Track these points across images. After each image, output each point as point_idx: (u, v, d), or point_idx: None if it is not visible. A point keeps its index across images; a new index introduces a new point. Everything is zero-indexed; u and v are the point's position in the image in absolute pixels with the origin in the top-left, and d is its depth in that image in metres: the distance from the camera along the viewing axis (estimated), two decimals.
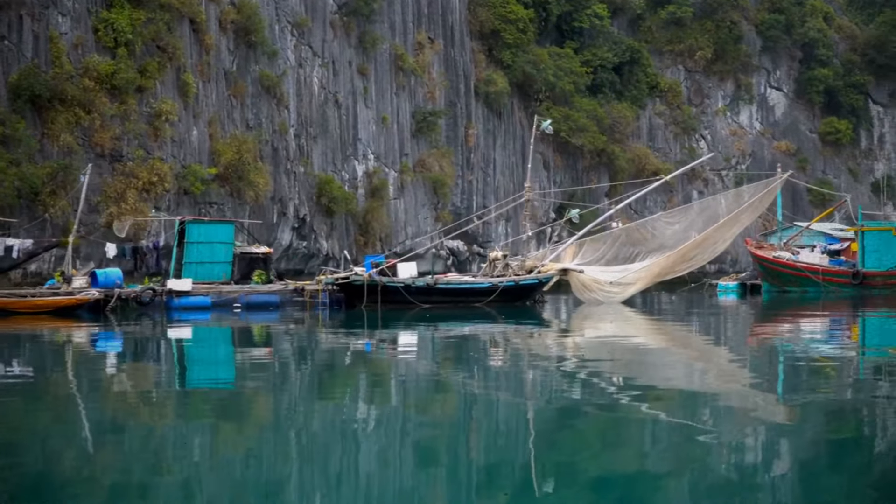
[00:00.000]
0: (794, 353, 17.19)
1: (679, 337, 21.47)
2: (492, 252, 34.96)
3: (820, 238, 49.36)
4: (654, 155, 65.11)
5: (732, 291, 45.71)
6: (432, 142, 52.32)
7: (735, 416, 10.12)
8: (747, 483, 7.38)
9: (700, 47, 68.90)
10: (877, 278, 43.69)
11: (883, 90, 78.96)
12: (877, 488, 7.22)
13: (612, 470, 7.94)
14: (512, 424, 9.99)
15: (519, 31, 58.40)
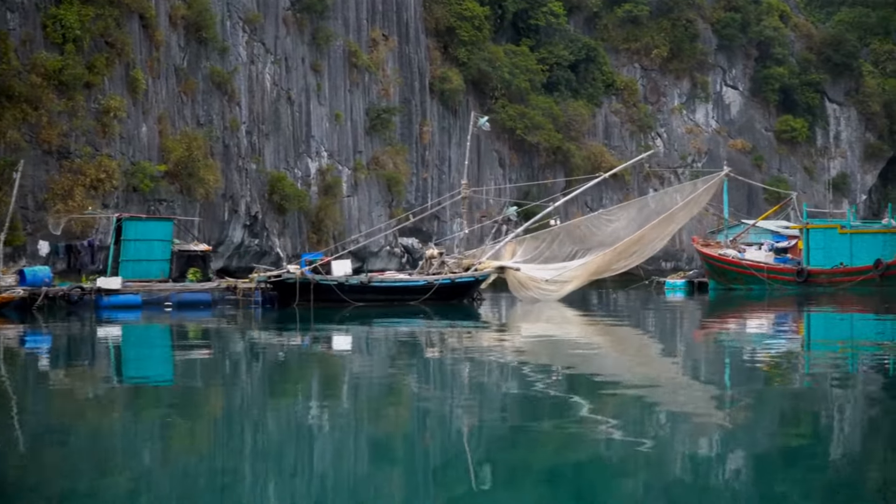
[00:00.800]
0: (728, 350, 17.39)
1: (614, 335, 21.65)
2: (428, 250, 35.29)
3: (768, 236, 49.99)
4: (611, 153, 66.22)
5: (680, 289, 46.19)
6: (386, 139, 53.04)
7: (671, 416, 10.22)
8: (685, 483, 7.42)
9: (656, 46, 70.13)
10: (821, 276, 44.30)
11: (839, 89, 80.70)
12: (821, 485, 7.40)
13: (549, 470, 7.91)
14: (443, 424, 9.95)
15: (475, 28, 59.29)
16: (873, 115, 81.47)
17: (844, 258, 43.97)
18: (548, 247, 32.76)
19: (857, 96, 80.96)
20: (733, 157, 72.94)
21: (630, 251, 31.55)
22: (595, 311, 31.02)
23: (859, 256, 43.61)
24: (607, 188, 66.37)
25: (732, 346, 18.72)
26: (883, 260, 42.69)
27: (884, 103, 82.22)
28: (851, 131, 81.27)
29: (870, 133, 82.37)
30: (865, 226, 47.93)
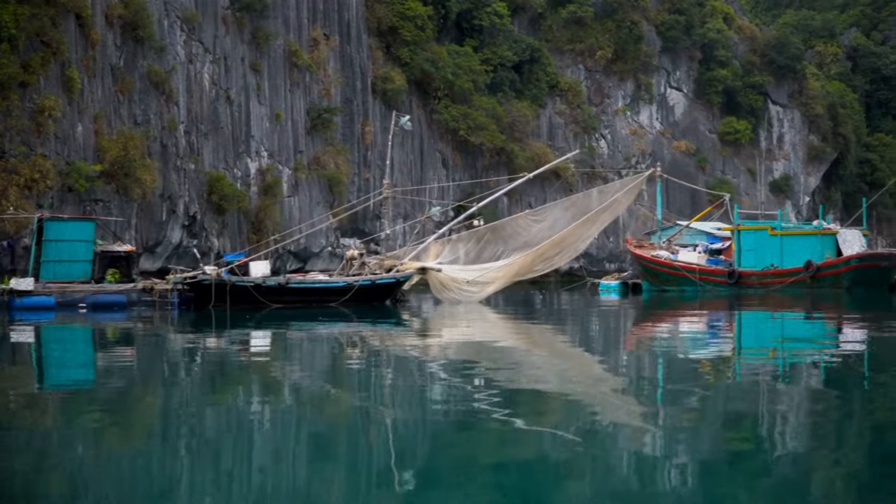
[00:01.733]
0: (649, 352, 17.49)
1: (535, 336, 21.64)
2: (348, 250, 35.36)
3: (703, 237, 51.04)
4: (554, 154, 67.42)
5: (614, 290, 47.02)
6: (328, 139, 53.91)
7: (590, 416, 10.33)
8: (613, 485, 7.45)
9: (600, 47, 71.68)
10: (752, 277, 45.23)
11: (782, 91, 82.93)
12: (755, 487, 7.44)
13: (469, 474, 7.90)
14: (362, 428, 9.93)
15: (417, 28, 60.34)
16: (816, 117, 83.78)
17: (775, 260, 45.10)
18: (473, 247, 32.91)
19: (801, 98, 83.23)
20: (677, 158, 74.86)
21: (551, 252, 31.72)
22: (520, 313, 31.05)
23: (790, 258, 44.65)
24: (552, 190, 67.69)
25: (654, 348, 18.71)
26: (813, 262, 43.72)
27: (827, 105, 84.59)
28: (795, 133, 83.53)
29: (813, 135, 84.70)
30: (796, 227, 49.07)
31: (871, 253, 46.28)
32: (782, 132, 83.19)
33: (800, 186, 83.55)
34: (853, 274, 43.90)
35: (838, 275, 43.96)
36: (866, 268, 44.11)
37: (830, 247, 45.29)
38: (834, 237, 45.92)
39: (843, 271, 44.05)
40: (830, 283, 43.80)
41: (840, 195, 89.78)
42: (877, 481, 7.60)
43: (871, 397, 11.30)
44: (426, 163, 61.82)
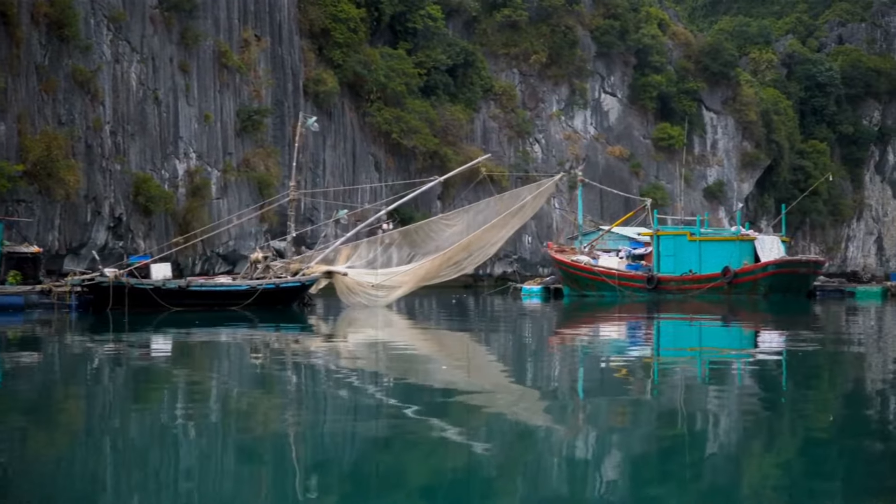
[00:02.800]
0: (556, 357, 17.51)
1: (442, 341, 21.59)
2: (253, 253, 34.98)
3: (626, 242, 52.22)
4: (489, 158, 68.90)
5: (536, 295, 47.77)
6: (258, 141, 54.67)
7: (504, 422, 10.32)
8: (523, 494, 7.44)
9: (535, 51, 73.25)
10: (671, 283, 45.92)
11: (716, 97, 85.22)
12: (672, 489, 7.53)
13: (379, 477, 7.94)
14: (266, 433, 9.86)
15: (350, 30, 61.35)
16: (750, 123, 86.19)
17: (694, 265, 46.02)
18: (384, 251, 33.07)
19: (735, 105, 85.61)
20: (611, 163, 76.72)
21: (459, 257, 31.70)
22: (430, 318, 30.88)
23: (708, 264, 45.53)
24: (485, 193, 68.94)
25: (556, 353, 18.59)
26: (730, 268, 44.56)
27: (761, 112, 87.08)
28: (728, 140, 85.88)
29: (747, 141, 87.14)
30: (715, 233, 49.77)
31: (788, 259, 46.96)
32: (716, 138, 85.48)
33: (733, 192, 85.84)
34: (770, 280, 44.58)
35: (755, 281, 44.72)
36: (784, 274, 44.89)
37: (749, 253, 46.07)
38: (752, 243, 46.64)
39: (760, 277, 44.81)
40: (748, 289, 44.42)
41: (773, 201, 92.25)
42: (794, 482, 7.77)
43: (785, 401, 11.50)
44: (359, 165, 62.79)
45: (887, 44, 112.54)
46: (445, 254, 31.59)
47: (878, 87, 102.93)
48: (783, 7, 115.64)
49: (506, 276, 66.99)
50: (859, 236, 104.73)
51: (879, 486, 7.65)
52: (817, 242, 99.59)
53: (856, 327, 25.66)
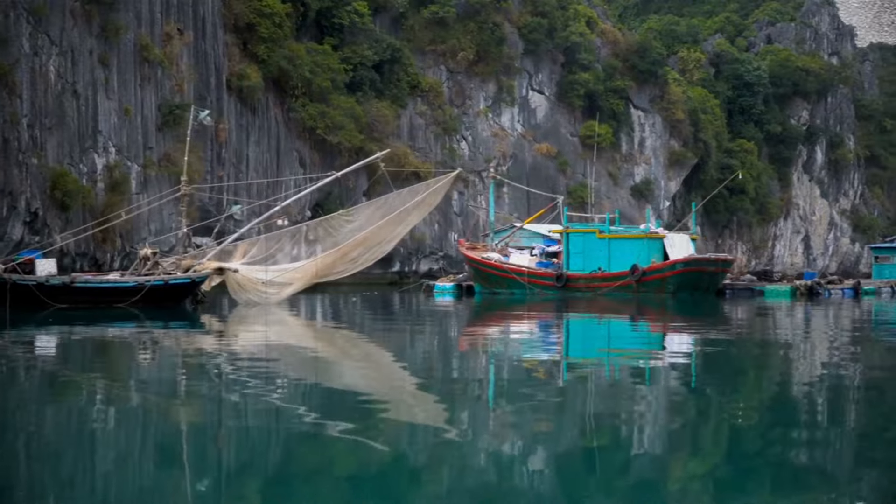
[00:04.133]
0: (455, 357, 17.39)
1: (337, 341, 21.33)
2: (142, 249, 34.79)
3: (539, 240, 53.11)
4: (415, 155, 70.34)
5: (449, 293, 48.26)
6: (179, 136, 55.46)
7: (405, 424, 10.20)
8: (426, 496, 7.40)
9: (462, 48, 74.84)
10: (580, 281, 46.49)
11: (644, 96, 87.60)
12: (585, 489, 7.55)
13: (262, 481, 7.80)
14: (147, 434, 9.73)
15: (275, 25, 62.38)
16: (678, 122, 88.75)
17: (603, 263, 46.81)
18: (282, 247, 32.86)
19: (662, 103, 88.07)
20: (538, 161, 78.65)
21: (355, 253, 31.73)
22: (327, 316, 30.62)
23: (617, 262, 46.33)
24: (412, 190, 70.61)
25: (451, 350, 18.62)
26: (639, 266, 45.20)
27: (688, 111, 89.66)
28: (656, 138, 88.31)
29: (674, 140, 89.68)
30: (624, 231, 50.55)
31: (696, 258, 47.46)
32: (644, 137, 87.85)
33: (660, 191, 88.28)
34: (679, 278, 45.22)
35: (663, 279, 45.29)
36: (692, 272, 45.49)
37: (658, 251, 46.82)
38: (661, 241, 47.44)
39: (669, 276, 45.40)
40: (656, 287, 45.08)
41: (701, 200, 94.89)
42: (709, 477, 7.89)
43: (693, 399, 11.69)
44: (283, 161, 63.86)
45: (816, 43, 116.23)
46: (339, 250, 31.59)
47: (806, 86, 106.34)
48: (714, 6, 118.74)
49: (432, 273, 68.49)
50: (787, 235, 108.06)
51: (793, 479, 7.80)
52: (745, 241, 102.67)
53: (759, 326, 26.07)
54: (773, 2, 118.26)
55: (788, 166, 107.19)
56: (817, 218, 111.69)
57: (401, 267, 70.59)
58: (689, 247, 48.47)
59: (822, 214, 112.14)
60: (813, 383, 13.23)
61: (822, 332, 23.18)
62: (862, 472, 8.12)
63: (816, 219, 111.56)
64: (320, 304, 37.90)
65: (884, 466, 8.25)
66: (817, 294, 46.21)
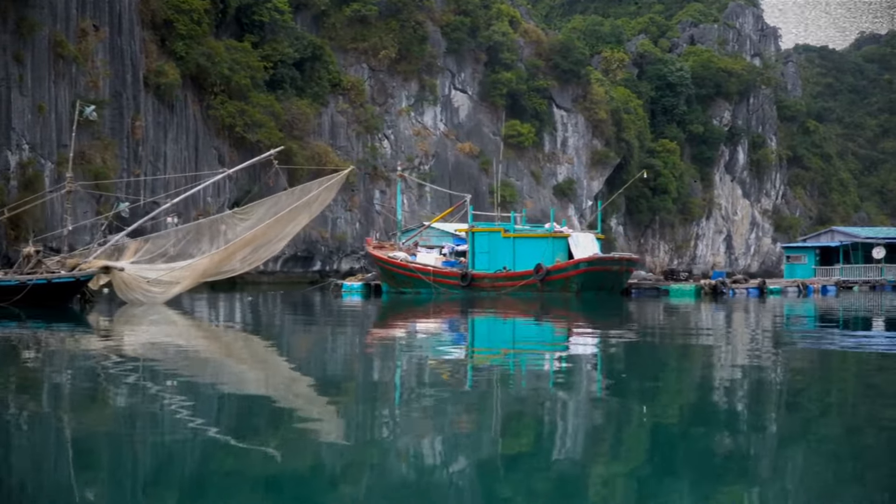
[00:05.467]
0: (347, 359, 17.11)
1: (229, 342, 20.69)
2: (25, 248, 34.13)
3: (449, 239, 53.83)
4: (336, 153, 71.44)
5: (357, 292, 48.44)
6: (94, 133, 56.00)
7: (295, 426, 9.92)
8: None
9: (384, 46, 76.05)
10: (484, 280, 46.65)
11: (566, 95, 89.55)
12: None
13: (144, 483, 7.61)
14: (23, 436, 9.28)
15: (193, 22, 63.05)
16: (600, 122, 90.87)
17: (508, 262, 47.32)
18: (175, 245, 32.37)
19: (585, 103, 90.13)
20: (461, 160, 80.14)
21: (243, 252, 31.28)
22: (218, 317, 29.81)
23: (522, 261, 46.79)
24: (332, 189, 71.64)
25: (342, 351, 18.34)
26: (543, 265, 45.45)
27: (611, 111, 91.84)
28: (578, 138, 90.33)
29: (597, 140, 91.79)
30: (529, 230, 50.88)
31: (601, 257, 47.58)
32: (566, 136, 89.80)
33: (583, 190, 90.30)
34: (583, 278, 45.43)
35: (567, 278, 45.56)
36: (596, 272, 45.77)
37: (562, 250, 47.32)
38: (566, 240, 48.04)
39: (573, 275, 45.61)
40: (560, 286, 45.31)
41: (623, 200, 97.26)
42: (607, 480, 7.86)
43: (601, 396, 11.87)
44: (201, 159, 64.45)
45: (739, 45, 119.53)
46: (226, 249, 31.09)
47: (728, 87, 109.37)
48: (640, 7, 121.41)
49: (353, 272, 69.61)
50: (709, 235, 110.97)
51: (699, 471, 7.91)
52: (667, 241, 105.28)
53: (660, 323, 26.45)
54: (696, 3, 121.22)
55: (711, 166, 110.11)
56: (739, 218, 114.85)
57: (322, 266, 71.65)
58: (594, 246, 49.02)
59: (743, 214, 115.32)
60: (708, 380, 13.78)
61: (715, 331, 24.01)
62: (756, 467, 8.14)
63: (738, 219, 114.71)
64: (217, 303, 36.96)
65: (793, 461, 8.41)
66: (721, 293, 46.79)
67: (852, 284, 60.65)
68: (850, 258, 66.24)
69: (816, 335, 22.25)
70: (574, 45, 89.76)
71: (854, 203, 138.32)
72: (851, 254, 66.38)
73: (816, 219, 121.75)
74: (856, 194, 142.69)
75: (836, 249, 67.06)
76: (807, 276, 62.12)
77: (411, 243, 52.79)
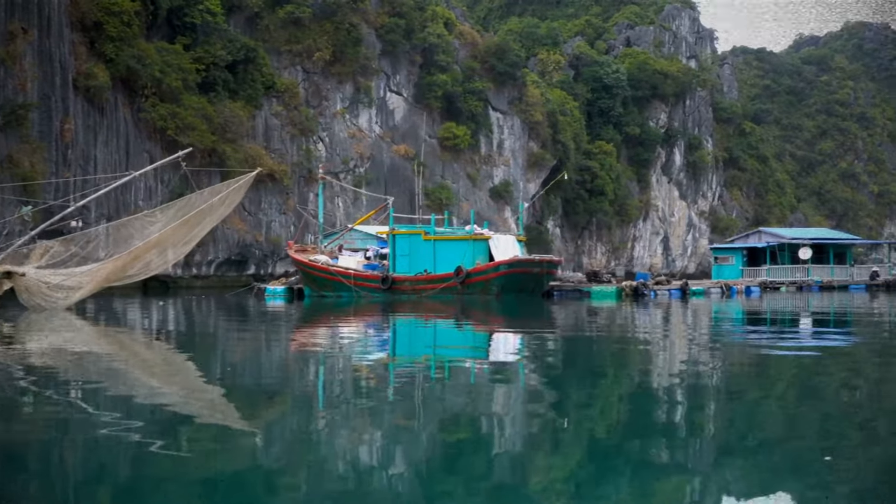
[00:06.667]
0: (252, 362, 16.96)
1: (136, 349, 20.21)
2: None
3: (374, 241, 54.33)
4: (270, 156, 72.11)
5: (280, 296, 48.72)
6: (22, 136, 56.25)
7: (211, 429, 9.93)
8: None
9: (319, 48, 76.78)
10: (405, 283, 47.20)
11: (503, 97, 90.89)
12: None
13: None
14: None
15: (124, 24, 63.37)
16: (536, 124, 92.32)
17: (428, 265, 47.98)
18: (82, 249, 31.94)
19: (521, 105, 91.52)
20: (396, 162, 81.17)
21: (149, 256, 30.76)
22: (133, 323, 29.20)
23: (443, 264, 47.38)
24: (266, 192, 72.38)
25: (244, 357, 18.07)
26: (463, 267, 46.06)
27: (547, 113, 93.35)
28: (515, 140, 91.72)
29: (533, 142, 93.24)
30: (450, 233, 51.30)
31: (521, 259, 47.96)
32: (503, 138, 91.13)
33: (519, 193, 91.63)
34: (503, 280, 46.02)
35: (487, 281, 46.09)
36: (516, 274, 46.32)
37: (483, 252, 47.95)
38: (487, 243, 48.47)
39: (493, 277, 46.23)
40: (480, 289, 45.84)
41: (560, 202, 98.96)
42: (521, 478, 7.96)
43: (524, 397, 12.07)
44: (132, 162, 64.65)
45: (675, 47, 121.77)
46: (131, 252, 30.42)
47: (664, 89, 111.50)
48: (577, 9, 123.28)
49: (288, 275, 70.29)
50: (646, 236, 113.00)
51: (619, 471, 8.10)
52: (604, 243, 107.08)
53: (575, 324, 26.88)
54: (633, 5, 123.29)
55: (647, 168, 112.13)
56: (676, 219, 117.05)
57: (256, 269, 72.26)
58: (515, 248, 49.52)
59: (680, 216, 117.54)
60: (626, 378, 14.25)
61: (623, 331, 24.65)
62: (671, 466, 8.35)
63: (675, 220, 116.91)
64: (130, 309, 36.69)
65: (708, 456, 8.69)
66: (643, 295, 47.56)
67: (779, 285, 62.37)
68: (777, 259, 68.15)
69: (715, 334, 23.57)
70: (510, 47, 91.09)
71: (791, 204, 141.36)
72: (778, 254, 68.29)
73: (753, 220, 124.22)
74: (793, 195, 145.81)
75: (764, 250, 68.93)
76: (734, 277, 63.86)
77: (335, 246, 53.19)
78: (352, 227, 56.79)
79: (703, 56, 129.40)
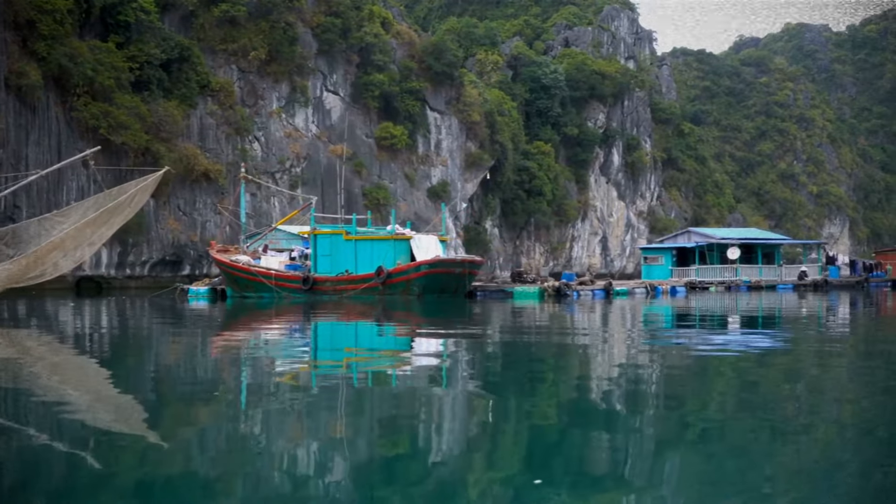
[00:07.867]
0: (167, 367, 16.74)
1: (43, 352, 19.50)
2: None
3: (298, 241, 54.42)
4: (205, 155, 72.87)
5: (203, 297, 48.65)
6: None
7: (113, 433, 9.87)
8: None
9: (254, 47, 77.60)
10: (326, 283, 47.51)
11: (440, 97, 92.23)
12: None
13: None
14: None
15: (56, 22, 63.88)
16: (474, 124, 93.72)
17: (350, 265, 48.47)
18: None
19: (458, 105, 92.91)
20: (333, 162, 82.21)
21: (54, 256, 30.21)
22: (31, 326, 28.44)
23: (364, 264, 48.01)
24: (201, 192, 73.14)
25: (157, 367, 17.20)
26: (384, 267, 46.52)
27: (485, 113, 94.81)
28: (452, 140, 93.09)
29: (471, 142, 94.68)
30: (371, 233, 51.55)
31: (442, 259, 48.35)
32: (440, 138, 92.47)
33: (457, 193, 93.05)
34: (424, 280, 46.32)
35: (409, 281, 46.45)
36: (438, 274, 46.67)
37: (405, 252, 48.48)
38: (408, 242, 49.06)
39: (414, 277, 46.55)
40: (401, 289, 46.19)
41: (498, 202, 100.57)
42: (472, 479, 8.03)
43: (449, 397, 12.21)
44: None
45: (614, 48, 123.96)
46: (35, 253, 29.91)
47: (602, 90, 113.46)
48: (516, 10, 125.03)
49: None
50: (584, 236, 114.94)
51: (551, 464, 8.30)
52: (542, 243, 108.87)
53: (494, 325, 27.18)
54: (572, 6, 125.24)
55: (585, 168, 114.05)
56: (615, 219, 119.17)
57: (192, 270, 72.98)
58: (437, 248, 49.92)
59: (619, 216, 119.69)
60: (540, 376, 14.65)
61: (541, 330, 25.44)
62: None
63: (614, 220, 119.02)
64: (39, 310, 36.39)
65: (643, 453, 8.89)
66: (565, 295, 48.17)
67: (708, 285, 64.02)
68: (706, 259, 70.05)
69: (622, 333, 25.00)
70: (447, 46, 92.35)
71: (729, 204, 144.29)
72: (707, 255, 70.19)
73: (692, 220, 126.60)
74: (731, 195, 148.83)
75: (693, 250, 70.78)
76: (664, 277, 65.59)
77: (259, 246, 53.70)
78: (275, 226, 57.38)
79: (642, 57, 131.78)
